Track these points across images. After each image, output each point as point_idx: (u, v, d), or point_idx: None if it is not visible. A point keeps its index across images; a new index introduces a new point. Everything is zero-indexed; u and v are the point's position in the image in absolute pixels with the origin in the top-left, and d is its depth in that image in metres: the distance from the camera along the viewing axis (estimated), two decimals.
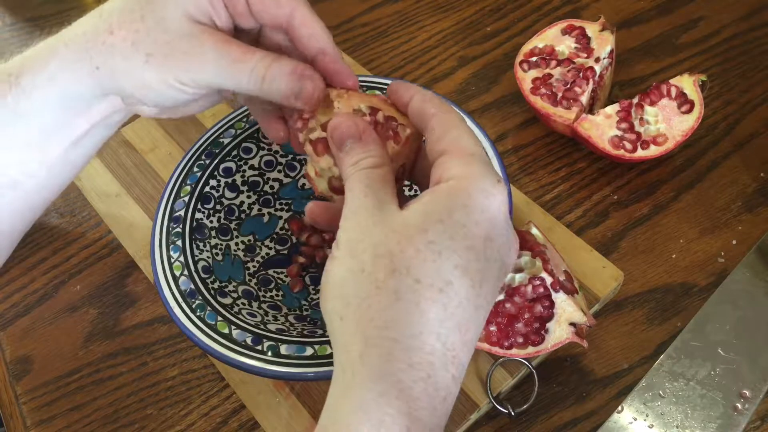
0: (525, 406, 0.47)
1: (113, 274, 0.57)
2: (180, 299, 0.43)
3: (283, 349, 0.41)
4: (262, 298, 0.48)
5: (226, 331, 0.42)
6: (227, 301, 0.45)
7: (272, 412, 0.48)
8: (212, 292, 0.45)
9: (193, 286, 0.44)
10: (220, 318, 0.43)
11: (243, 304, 0.46)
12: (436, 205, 0.30)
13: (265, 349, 0.41)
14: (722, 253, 0.54)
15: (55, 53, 0.40)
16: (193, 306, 0.43)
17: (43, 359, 0.53)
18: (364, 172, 0.33)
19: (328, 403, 0.30)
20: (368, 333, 0.29)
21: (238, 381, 0.50)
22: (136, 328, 0.54)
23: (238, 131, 0.52)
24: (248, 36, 0.42)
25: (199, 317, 0.43)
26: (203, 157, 0.51)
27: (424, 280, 0.29)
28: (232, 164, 0.52)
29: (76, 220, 0.61)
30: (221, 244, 0.49)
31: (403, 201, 0.33)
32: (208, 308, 0.43)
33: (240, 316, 0.44)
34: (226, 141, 0.52)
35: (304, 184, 0.55)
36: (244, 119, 0.52)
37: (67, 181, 0.46)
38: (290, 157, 0.54)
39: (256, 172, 0.53)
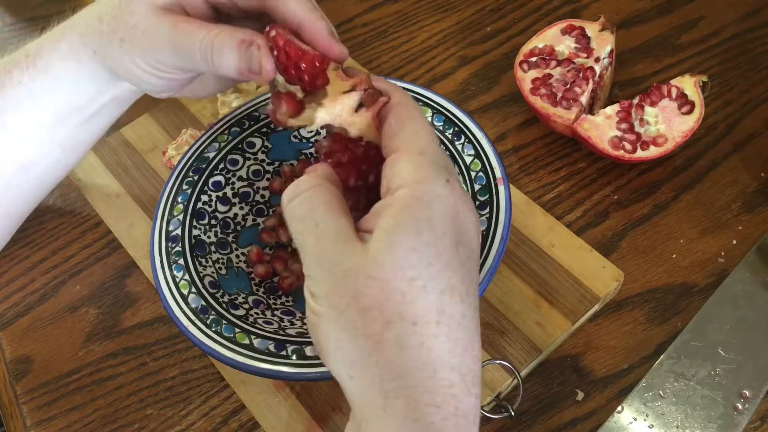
0: (515, 406, 0.47)
1: (113, 274, 0.57)
2: (192, 317, 0.43)
3: (308, 350, 0.41)
4: (273, 306, 0.48)
5: (247, 341, 0.42)
6: (240, 312, 0.45)
7: (272, 412, 0.48)
8: (224, 305, 0.44)
9: (204, 303, 0.44)
10: (237, 330, 0.42)
11: (257, 313, 0.45)
12: (400, 230, 0.29)
13: (289, 353, 0.41)
14: (722, 253, 0.54)
15: (65, 37, 0.42)
16: (208, 321, 0.43)
17: (43, 359, 0.53)
18: (297, 202, 0.31)
19: None
20: (385, 387, 0.28)
21: (238, 381, 0.50)
22: (136, 328, 0.54)
23: (222, 144, 0.52)
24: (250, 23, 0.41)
25: (215, 332, 0.42)
26: (191, 173, 0.50)
27: (420, 320, 0.28)
28: (220, 178, 0.51)
29: (76, 220, 0.61)
30: (222, 258, 0.49)
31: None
32: (224, 322, 0.43)
33: (257, 325, 0.43)
34: (211, 155, 0.51)
35: None
36: (227, 131, 0.52)
37: (78, 160, 0.47)
38: (277, 164, 0.54)
39: (246, 183, 0.53)
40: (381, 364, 0.28)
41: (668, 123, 0.58)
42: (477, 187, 0.47)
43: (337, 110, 0.34)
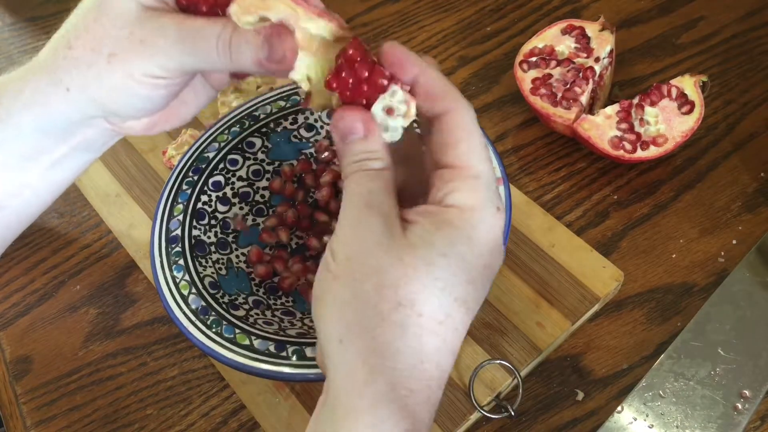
0: (515, 406, 0.47)
1: (113, 274, 0.57)
2: (192, 317, 0.43)
3: (309, 351, 0.41)
4: (273, 306, 0.47)
5: (247, 342, 0.42)
6: (240, 313, 0.44)
7: (272, 412, 0.48)
8: (224, 306, 0.44)
9: (204, 303, 0.44)
10: (238, 331, 0.42)
11: (257, 314, 0.45)
12: (442, 238, 0.31)
13: (290, 354, 0.41)
14: (722, 253, 0.54)
15: (28, 80, 0.39)
16: (208, 322, 0.43)
17: (43, 359, 0.53)
18: (366, 175, 0.33)
19: (319, 420, 0.31)
20: (372, 361, 0.30)
21: (238, 381, 0.50)
22: (136, 328, 0.54)
23: (222, 144, 0.52)
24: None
25: (216, 332, 0.42)
26: (190, 173, 0.50)
27: (426, 314, 0.30)
28: (220, 178, 0.51)
29: (76, 220, 0.61)
30: (222, 258, 0.49)
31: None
32: (224, 322, 0.43)
33: (257, 326, 0.43)
34: (211, 155, 0.51)
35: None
36: (226, 131, 0.52)
37: (51, 200, 0.45)
38: (277, 164, 0.54)
39: (245, 183, 0.53)
40: (377, 338, 0.30)
41: (668, 123, 0.58)
42: None
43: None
